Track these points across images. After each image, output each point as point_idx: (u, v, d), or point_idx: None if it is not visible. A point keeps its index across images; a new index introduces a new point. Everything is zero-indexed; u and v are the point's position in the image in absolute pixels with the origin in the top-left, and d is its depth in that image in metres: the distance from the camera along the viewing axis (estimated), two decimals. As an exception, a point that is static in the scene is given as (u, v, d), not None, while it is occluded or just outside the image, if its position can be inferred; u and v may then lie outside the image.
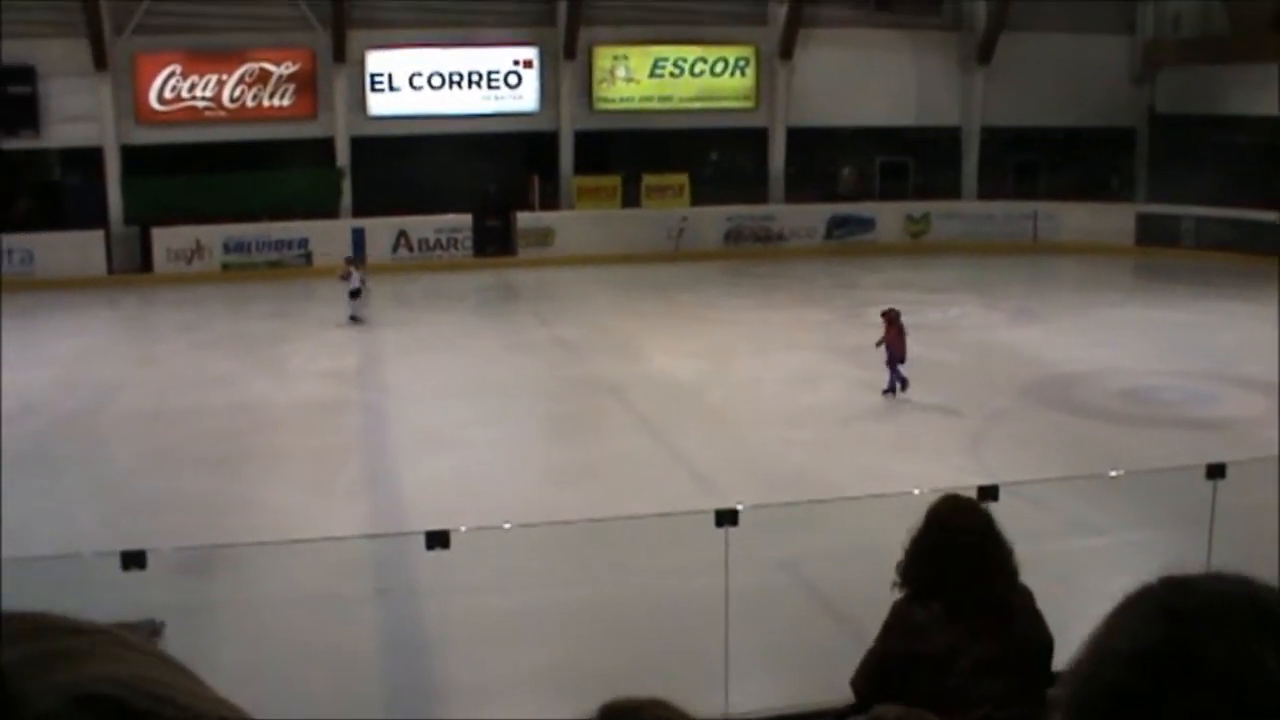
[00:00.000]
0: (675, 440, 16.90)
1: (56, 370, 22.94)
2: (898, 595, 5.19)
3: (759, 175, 38.68)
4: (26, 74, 35.07)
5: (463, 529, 8.38)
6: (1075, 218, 37.11)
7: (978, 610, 4.94)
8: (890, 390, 19.15)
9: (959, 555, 5.00)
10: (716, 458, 15.77)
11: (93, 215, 35.70)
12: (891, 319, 19.17)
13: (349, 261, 28.28)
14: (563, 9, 36.57)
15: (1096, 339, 22.60)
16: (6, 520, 14.04)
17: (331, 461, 16.24)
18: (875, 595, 5.49)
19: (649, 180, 37.15)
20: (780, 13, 37.66)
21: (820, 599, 10.91)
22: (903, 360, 19.02)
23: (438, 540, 7.90)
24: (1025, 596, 5.18)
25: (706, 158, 38.98)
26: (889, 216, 38.20)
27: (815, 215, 37.73)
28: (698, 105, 37.95)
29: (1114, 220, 36.86)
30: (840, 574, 10.56)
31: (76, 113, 35.49)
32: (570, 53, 36.89)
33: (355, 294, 27.16)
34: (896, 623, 5.14)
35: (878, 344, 19.15)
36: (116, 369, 23.33)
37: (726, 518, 8.24)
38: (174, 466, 16.38)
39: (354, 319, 26.98)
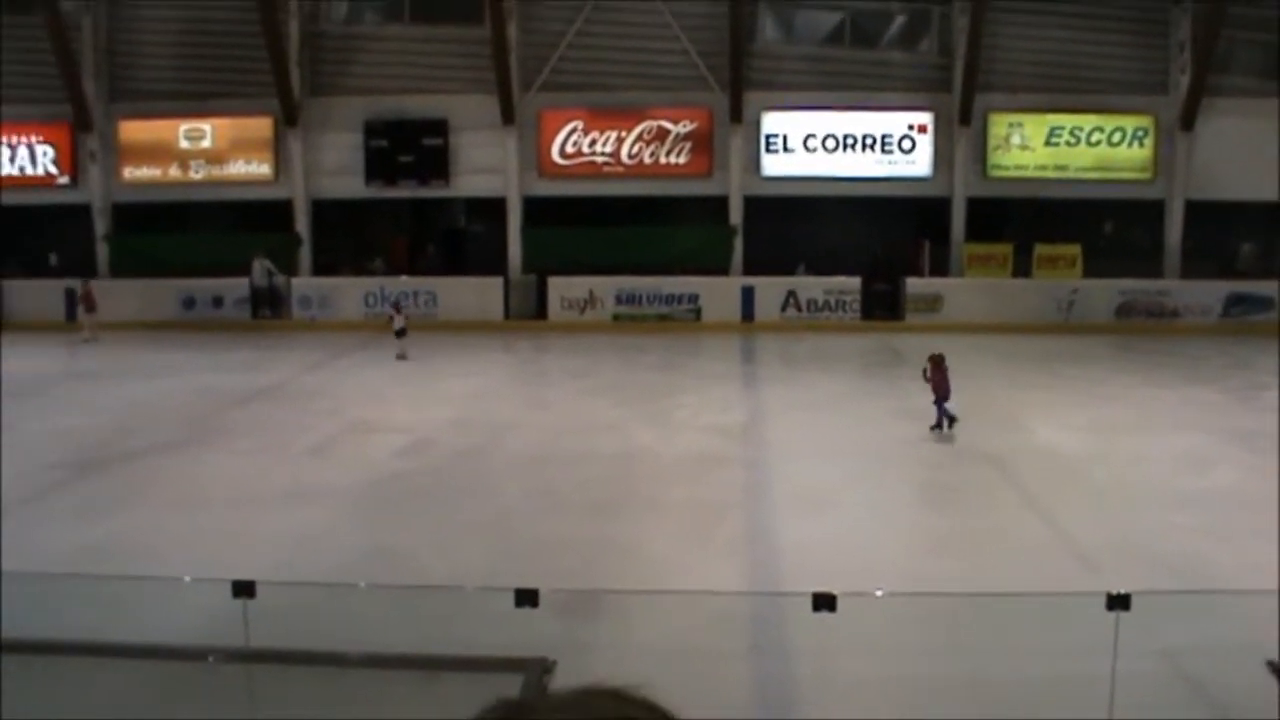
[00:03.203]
0: (1056, 516, 16.53)
1: (453, 409, 23.94)
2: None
3: (1154, 248, 37.60)
4: (440, 127, 36.96)
5: (835, 592, 8.38)
6: None
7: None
8: (938, 426, 21.13)
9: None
10: (1098, 537, 15.34)
11: (493, 262, 37.17)
12: (937, 363, 21.10)
13: (395, 306, 31.28)
14: (959, 75, 36.41)
15: None
16: (400, 548, 14.80)
17: (711, 515, 16.39)
18: (1262, 694, 5.33)
19: (1041, 250, 36.54)
20: (1182, 81, 36.62)
21: (1202, 694, 10.54)
22: (947, 398, 21.00)
23: (824, 603, 7.91)
24: None
25: (1100, 229, 38.08)
26: (1291, 296, 36.55)
27: (1211, 292, 36.38)
28: (1093, 175, 37.18)
29: None
30: (1224, 669, 10.16)
31: (483, 165, 37.16)
32: (965, 119, 36.71)
33: (400, 333, 29.92)
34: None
35: (934, 393, 21.10)
36: (509, 411, 24.14)
37: (1118, 602, 8.00)
38: (558, 508, 16.83)
39: (400, 357, 29.65)
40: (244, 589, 8.27)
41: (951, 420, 21.13)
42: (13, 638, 8.61)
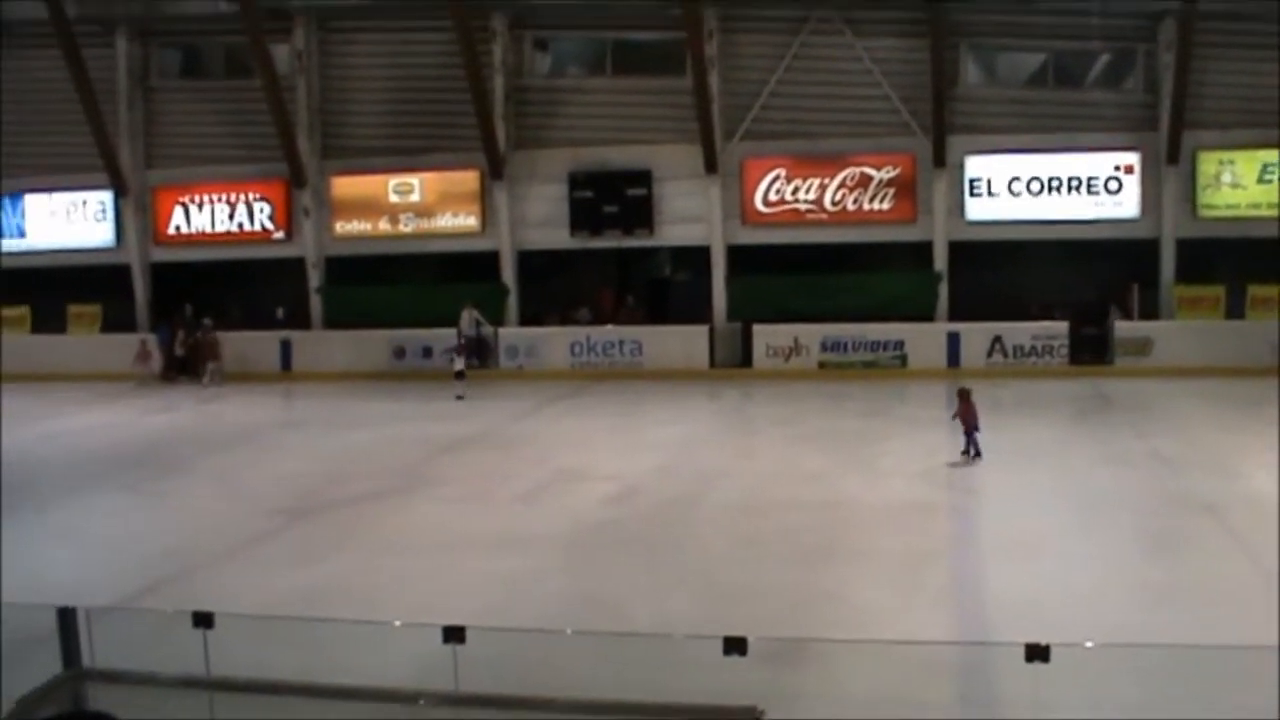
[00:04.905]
0: (1272, 566, 16.07)
1: (660, 456, 24.07)
2: None
3: (1376, 289, 36.27)
4: (644, 178, 37.33)
5: (1043, 643, 8.22)
6: None
7: None
8: (966, 453, 22.75)
9: None
10: (1319, 588, 14.86)
11: (698, 311, 37.32)
12: (964, 396, 23.02)
13: (456, 351, 33.38)
14: (1166, 112, 35.63)
15: None
16: (607, 595, 14.91)
17: (917, 563, 16.23)
18: None
19: (1254, 291, 35.55)
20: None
21: None
22: (977, 429, 22.78)
23: (1038, 654, 7.76)
24: None
25: (1316, 268, 36.88)
26: None
27: None
28: (1310, 212, 36.01)
29: None
30: None
31: (687, 214, 37.43)
32: (1173, 157, 35.85)
33: (460, 375, 31.52)
34: None
35: (953, 417, 23.33)
36: (715, 459, 24.21)
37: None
38: (763, 556, 16.75)
39: (459, 398, 31.36)
40: (454, 634, 8.41)
41: (978, 451, 22.67)
42: (230, 677, 8.90)
